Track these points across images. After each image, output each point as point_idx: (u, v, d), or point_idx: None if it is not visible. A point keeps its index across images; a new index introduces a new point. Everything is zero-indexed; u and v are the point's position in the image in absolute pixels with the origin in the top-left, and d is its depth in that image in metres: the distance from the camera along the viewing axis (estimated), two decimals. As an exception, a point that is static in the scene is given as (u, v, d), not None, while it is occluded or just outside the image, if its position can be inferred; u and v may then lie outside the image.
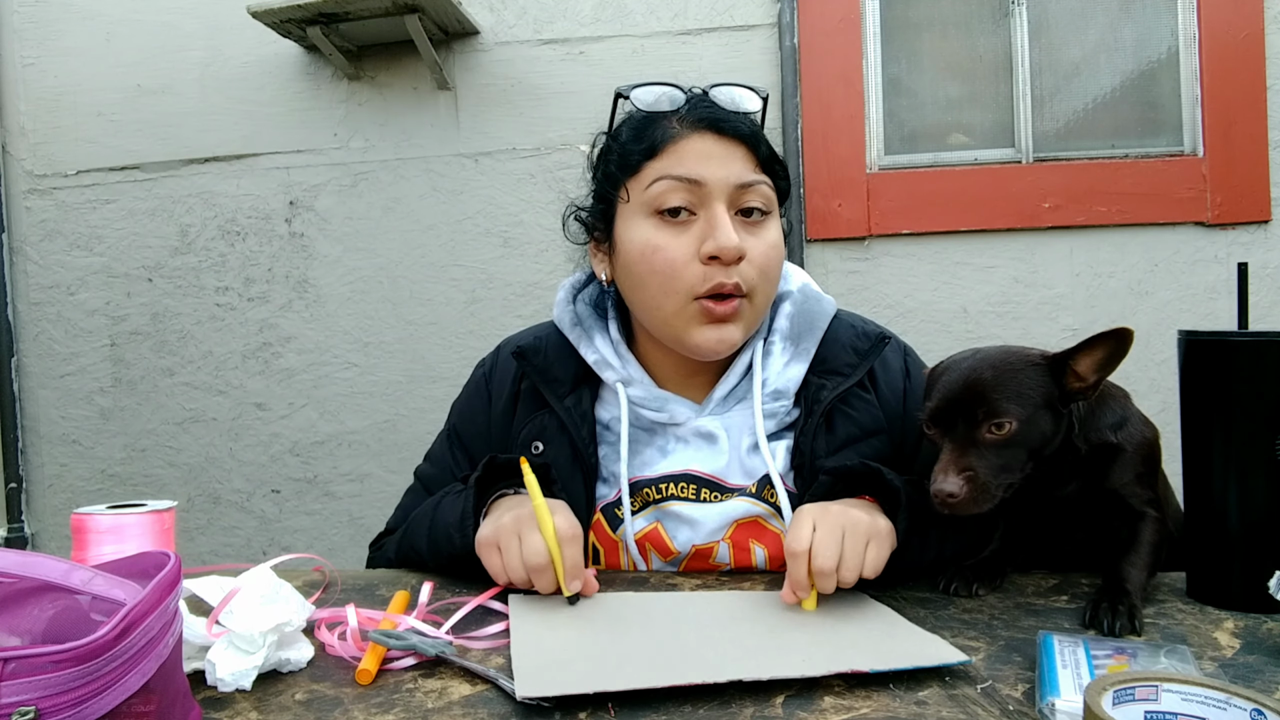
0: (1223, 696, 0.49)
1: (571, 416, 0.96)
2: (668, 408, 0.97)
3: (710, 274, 0.88)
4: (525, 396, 1.01)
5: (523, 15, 2.29)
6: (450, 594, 0.85)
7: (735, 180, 0.89)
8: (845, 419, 0.96)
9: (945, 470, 0.76)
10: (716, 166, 0.89)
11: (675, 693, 0.59)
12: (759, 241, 0.91)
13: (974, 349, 0.83)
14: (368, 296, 2.36)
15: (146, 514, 0.83)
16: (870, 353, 0.98)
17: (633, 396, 0.97)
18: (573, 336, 1.00)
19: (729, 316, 0.90)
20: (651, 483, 0.96)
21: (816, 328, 0.99)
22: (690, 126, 0.91)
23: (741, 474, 0.96)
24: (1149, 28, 2.18)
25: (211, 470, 2.44)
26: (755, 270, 0.90)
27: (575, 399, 0.98)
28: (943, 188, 2.17)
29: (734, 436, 0.96)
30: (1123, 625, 0.71)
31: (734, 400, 0.98)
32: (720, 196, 0.89)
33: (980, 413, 0.77)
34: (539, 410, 0.99)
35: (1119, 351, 0.76)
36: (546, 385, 0.98)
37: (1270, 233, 2.09)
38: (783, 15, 2.18)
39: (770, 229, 0.93)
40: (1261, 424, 0.77)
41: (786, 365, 0.97)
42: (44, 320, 2.50)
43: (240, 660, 0.63)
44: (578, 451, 0.96)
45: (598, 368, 0.98)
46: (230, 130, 2.40)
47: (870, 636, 0.70)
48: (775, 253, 0.93)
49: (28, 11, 2.48)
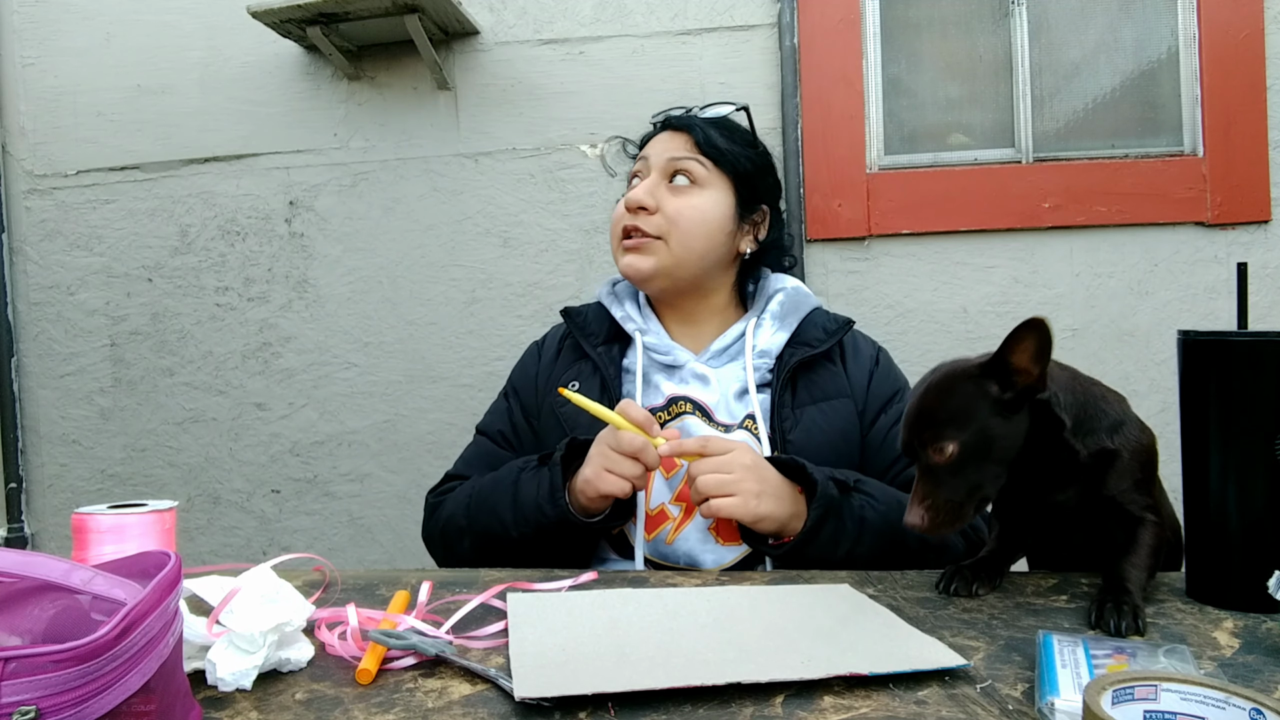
0: (1222, 696, 0.49)
1: (603, 360, 1.19)
2: (673, 352, 1.19)
3: (624, 219, 1.18)
4: (567, 350, 1.26)
5: (523, 15, 2.29)
6: (450, 594, 0.85)
7: (667, 155, 1.19)
8: (808, 384, 1.16)
9: (911, 502, 0.80)
10: (659, 147, 1.21)
11: (675, 692, 0.59)
12: (678, 200, 1.17)
13: (934, 368, 0.85)
14: (368, 296, 2.36)
15: (147, 514, 0.83)
16: (837, 332, 1.20)
17: (647, 343, 1.21)
18: (607, 302, 1.26)
19: (633, 248, 1.17)
20: (662, 407, 1.16)
21: (800, 310, 1.22)
22: (659, 128, 1.25)
23: (727, 414, 1.15)
24: (1149, 28, 2.18)
25: (211, 470, 2.44)
26: (666, 219, 1.16)
27: (607, 348, 1.21)
28: (943, 188, 2.17)
29: (723, 383, 1.17)
30: (1128, 625, 0.71)
31: (726, 358, 1.20)
32: (656, 168, 1.19)
33: (926, 438, 0.79)
34: (578, 359, 1.23)
35: (1045, 339, 0.77)
36: (585, 337, 1.23)
37: (1270, 233, 2.09)
38: (783, 15, 2.18)
39: (695, 194, 1.18)
40: (1261, 424, 0.77)
41: (774, 334, 1.19)
42: (44, 320, 2.50)
43: (240, 660, 0.63)
44: (607, 386, 1.17)
45: (623, 322, 1.23)
46: (230, 130, 2.40)
47: (869, 639, 0.70)
48: (691, 211, 1.17)
49: (28, 11, 2.49)
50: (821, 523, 0.97)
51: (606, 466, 0.99)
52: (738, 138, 1.22)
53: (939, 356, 0.88)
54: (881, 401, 1.18)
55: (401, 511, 2.34)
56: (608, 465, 0.99)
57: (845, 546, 0.98)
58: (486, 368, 2.28)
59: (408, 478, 2.32)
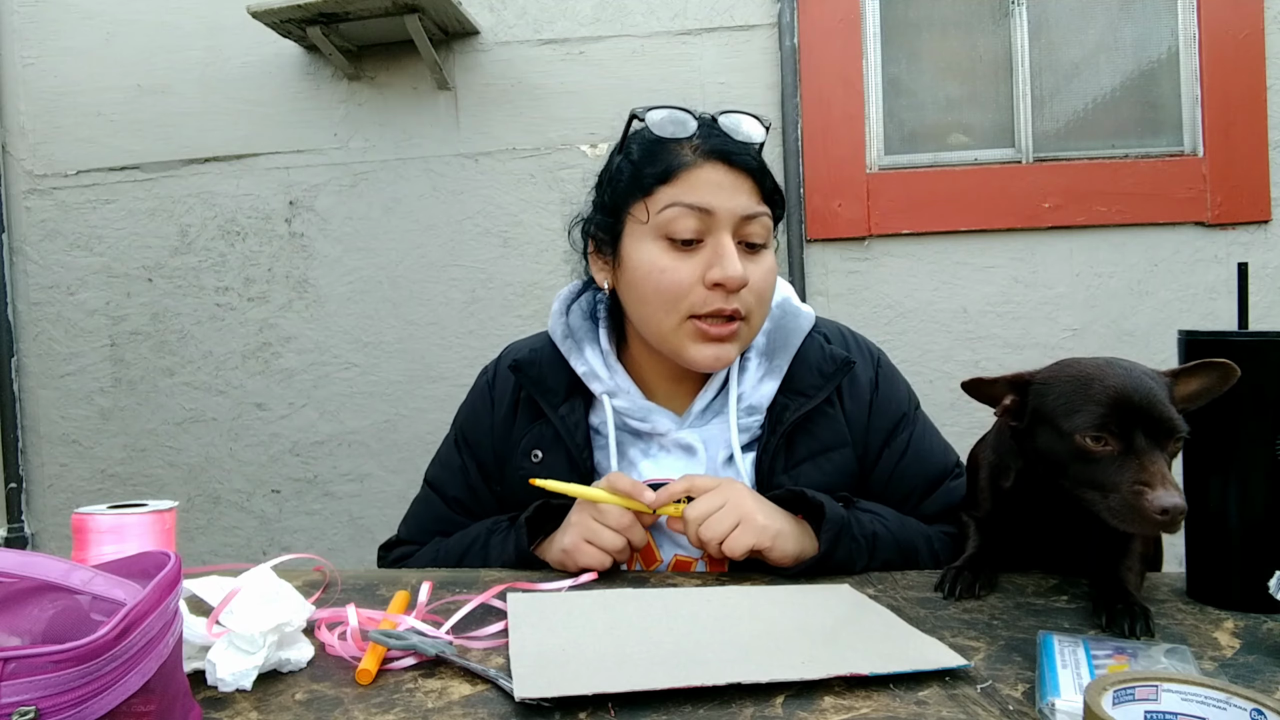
0: (1223, 696, 0.49)
1: (565, 425, 1.02)
2: (651, 418, 1.02)
3: (711, 298, 0.94)
4: (524, 405, 1.06)
5: (523, 15, 2.29)
6: (450, 594, 0.85)
7: (741, 212, 0.94)
8: (806, 437, 1.01)
9: (1166, 483, 0.71)
10: (726, 198, 0.94)
11: (675, 692, 0.59)
12: (758, 269, 0.96)
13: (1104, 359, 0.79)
14: (368, 296, 2.36)
15: (148, 514, 0.83)
16: (834, 375, 1.02)
17: (618, 407, 1.02)
18: (564, 349, 1.05)
19: (728, 337, 0.96)
20: None
21: (790, 345, 1.04)
22: (704, 156, 0.95)
23: None
24: (1149, 28, 2.18)
25: (211, 470, 2.44)
26: (754, 296, 0.96)
27: (569, 408, 1.03)
28: (943, 188, 2.17)
29: (711, 449, 1.01)
30: (1141, 627, 0.71)
31: (711, 414, 1.03)
32: (727, 226, 0.94)
33: (1163, 426, 0.73)
34: (537, 420, 1.05)
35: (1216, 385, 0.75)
36: (542, 396, 1.04)
37: (1270, 233, 2.09)
38: (783, 15, 2.18)
39: (767, 257, 0.98)
40: (1261, 424, 0.77)
41: (760, 381, 1.02)
42: (44, 320, 2.50)
43: (241, 660, 0.63)
44: (573, 459, 1.01)
45: (586, 379, 1.03)
46: (230, 130, 2.40)
47: (870, 639, 0.70)
48: (771, 278, 0.99)
49: (28, 11, 2.49)
50: (835, 543, 0.90)
51: (587, 538, 0.90)
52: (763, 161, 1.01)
53: (939, 356, 0.88)
54: (884, 435, 1.05)
55: (401, 511, 2.33)
56: (588, 536, 0.90)
57: (861, 563, 0.92)
58: (486, 368, 2.28)
59: (408, 478, 2.32)
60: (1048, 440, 0.78)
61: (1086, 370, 0.77)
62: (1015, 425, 0.82)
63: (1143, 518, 0.70)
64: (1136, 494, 0.71)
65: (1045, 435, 0.78)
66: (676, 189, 0.94)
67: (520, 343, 1.14)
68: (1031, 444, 0.80)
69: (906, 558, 0.96)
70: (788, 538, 0.89)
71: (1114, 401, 0.73)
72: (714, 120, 0.97)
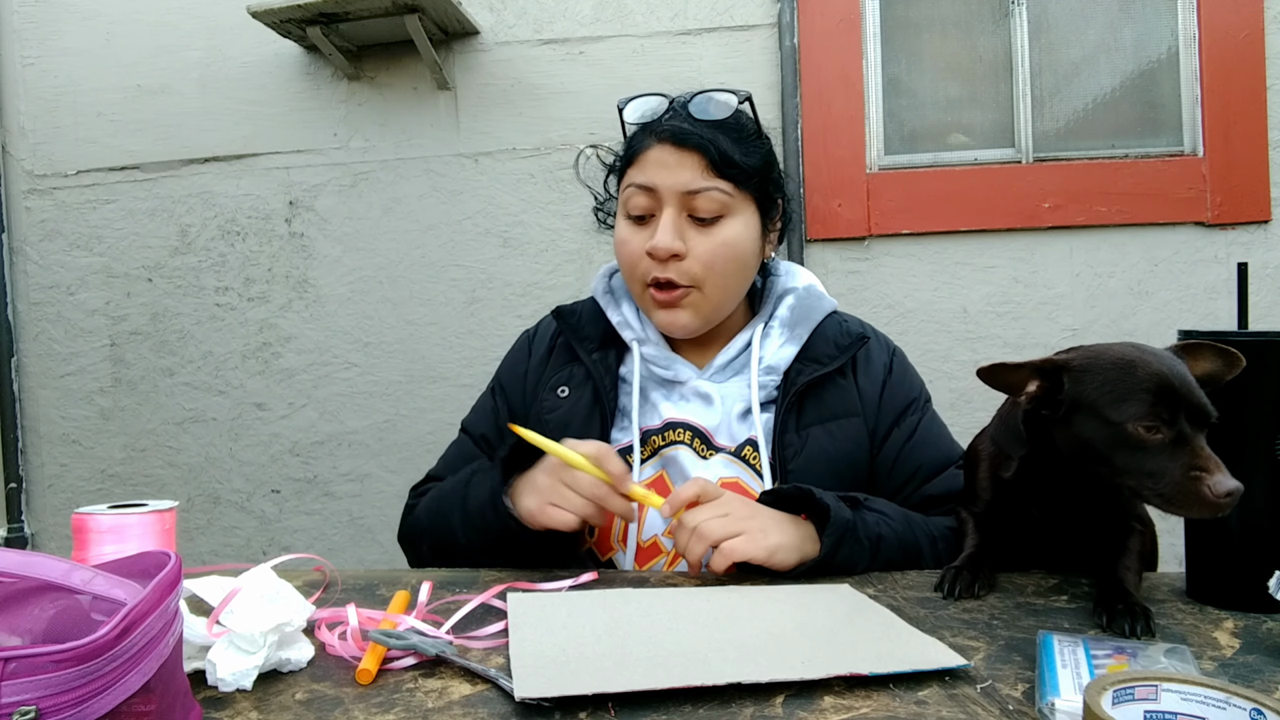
0: (1222, 696, 0.49)
1: (598, 368, 1.09)
2: (674, 366, 1.10)
3: (651, 268, 1.04)
4: (560, 350, 1.16)
5: (523, 15, 2.29)
6: (450, 594, 0.85)
7: (684, 187, 1.01)
8: (816, 402, 1.07)
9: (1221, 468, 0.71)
10: (668, 175, 1.02)
11: (675, 692, 0.59)
12: (707, 240, 1.02)
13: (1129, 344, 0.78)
14: (368, 296, 2.36)
15: (148, 514, 0.83)
16: (849, 348, 1.09)
17: (646, 354, 1.10)
18: (603, 302, 1.14)
19: (672, 303, 1.05)
20: (657, 431, 1.07)
21: (812, 319, 1.11)
22: (656, 138, 1.04)
23: (728, 437, 1.07)
24: (1149, 28, 2.18)
25: (211, 470, 2.44)
26: (699, 265, 1.02)
27: (602, 354, 1.11)
28: (943, 188, 2.17)
29: (727, 402, 1.08)
30: (1142, 628, 0.71)
31: (731, 371, 1.10)
32: (671, 201, 1.02)
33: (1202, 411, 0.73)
34: (570, 362, 1.13)
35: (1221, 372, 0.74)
36: (579, 342, 1.13)
37: (1270, 233, 2.09)
38: (783, 15, 2.18)
39: (722, 229, 1.03)
40: (1261, 424, 0.77)
41: (781, 346, 1.09)
42: (44, 320, 2.50)
43: (241, 660, 0.63)
44: (599, 398, 1.08)
45: (620, 328, 1.12)
46: (230, 130, 2.40)
47: (869, 639, 0.70)
48: (725, 249, 1.03)
49: (28, 11, 2.49)
50: (838, 546, 0.90)
51: (551, 500, 0.91)
52: (747, 138, 1.05)
53: (939, 356, 0.88)
54: (894, 415, 1.09)
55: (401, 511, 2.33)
56: (553, 499, 0.91)
57: (863, 565, 0.92)
58: (486, 368, 2.26)
59: (408, 478, 2.30)
60: (1090, 428, 0.76)
61: (1125, 356, 0.76)
62: (1047, 414, 0.80)
63: (1203, 502, 0.70)
64: (1195, 479, 0.71)
65: (1087, 424, 0.77)
66: (634, 170, 1.05)
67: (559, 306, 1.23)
68: (1067, 433, 0.79)
69: (910, 559, 0.96)
70: (788, 551, 0.89)
71: (1160, 388, 0.73)
72: (686, 102, 1.05)
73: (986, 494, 0.91)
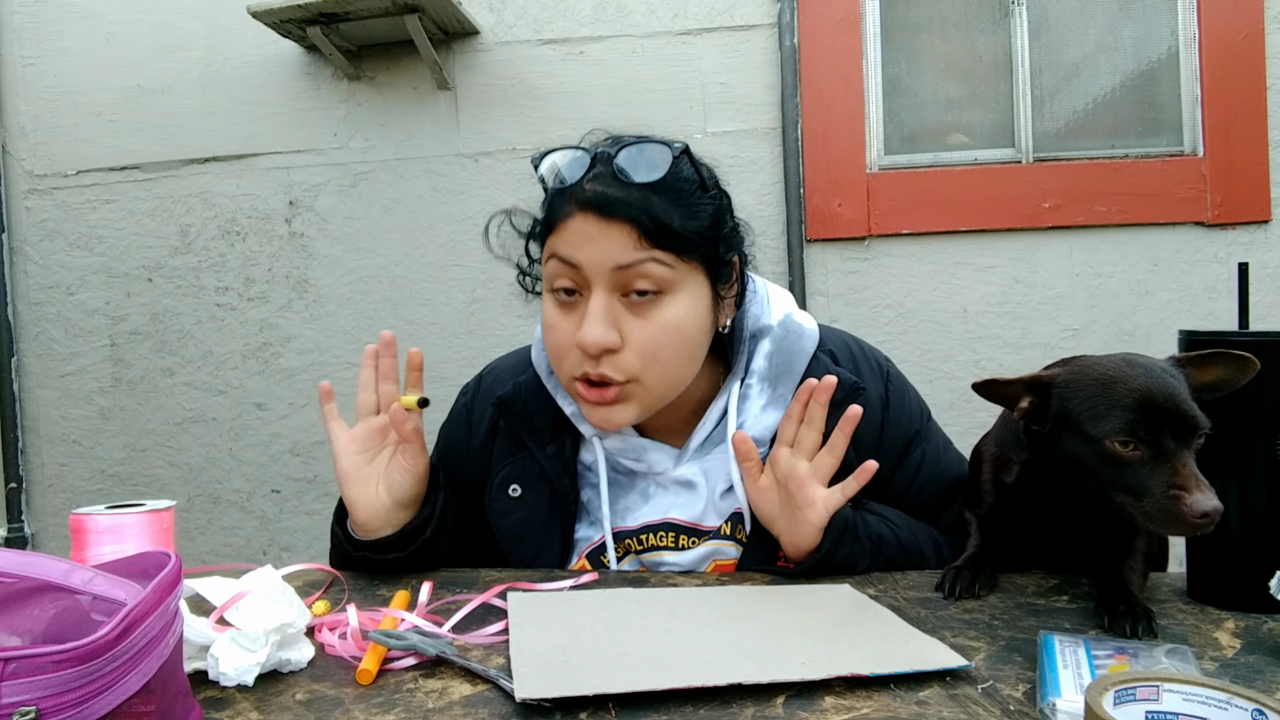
0: (1224, 696, 0.49)
1: (553, 465, 0.96)
2: (646, 457, 0.96)
3: (581, 362, 0.87)
4: (504, 434, 1.00)
5: (523, 15, 2.29)
6: (450, 594, 0.85)
7: (612, 263, 0.84)
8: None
9: (1204, 488, 0.70)
10: (593, 249, 0.84)
11: (675, 692, 0.59)
12: (645, 325, 0.86)
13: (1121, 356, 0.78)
14: (368, 296, 2.36)
15: (145, 514, 0.83)
16: (843, 403, 0.91)
17: (610, 447, 0.96)
18: (549, 385, 0.98)
19: (605, 401, 0.87)
20: (633, 533, 0.96)
21: (795, 370, 0.96)
22: (577, 205, 0.86)
23: (715, 515, 0.96)
24: (1149, 28, 2.18)
25: (211, 470, 2.44)
26: (637, 356, 0.86)
27: (556, 446, 0.97)
28: (943, 188, 2.17)
29: (711, 480, 0.96)
30: (1144, 629, 0.71)
31: (712, 445, 0.97)
32: (599, 280, 0.85)
33: (1188, 424, 0.72)
34: (519, 452, 0.98)
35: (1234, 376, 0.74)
36: (528, 434, 0.97)
37: (1270, 233, 2.09)
38: (783, 15, 2.18)
39: (664, 309, 0.86)
40: (1261, 424, 0.76)
41: (764, 410, 0.95)
42: (44, 320, 2.50)
43: (243, 657, 0.63)
44: (558, 498, 0.96)
45: (575, 420, 0.96)
46: (230, 130, 2.40)
47: (870, 639, 0.69)
48: (667, 335, 0.86)
49: (28, 11, 2.49)
50: (839, 542, 0.88)
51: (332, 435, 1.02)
52: (688, 197, 0.87)
53: (939, 356, 0.87)
54: (895, 455, 0.99)
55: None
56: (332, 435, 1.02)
57: (863, 564, 0.90)
58: (486, 368, 2.28)
59: (408, 478, 2.32)
60: (1074, 445, 0.77)
61: (1108, 371, 0.76)
62: (1037, 429, 0.80)
63: (1181, 522, 0.70)
64: (1173, 499, 0.70)
65: (1071, 440, 0.77)
66: (556, 239, 0.87)
67: (502, 365, 1.07)
68: (1056, 447, 0.79)
69: (912, 561, 0.95)
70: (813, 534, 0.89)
71: (1140, 404, 0.72)
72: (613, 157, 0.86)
73: (990, 496, 0.91)
